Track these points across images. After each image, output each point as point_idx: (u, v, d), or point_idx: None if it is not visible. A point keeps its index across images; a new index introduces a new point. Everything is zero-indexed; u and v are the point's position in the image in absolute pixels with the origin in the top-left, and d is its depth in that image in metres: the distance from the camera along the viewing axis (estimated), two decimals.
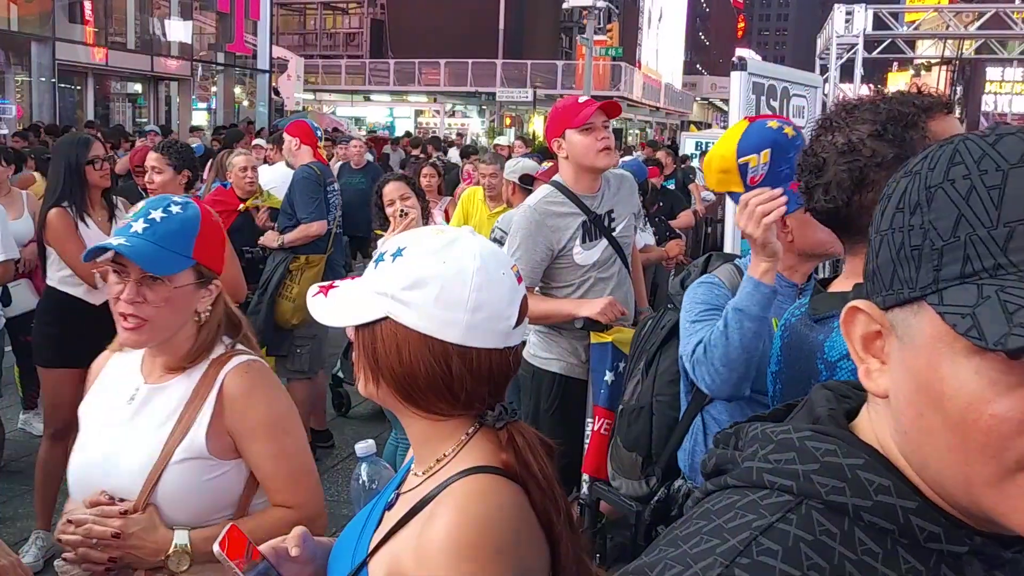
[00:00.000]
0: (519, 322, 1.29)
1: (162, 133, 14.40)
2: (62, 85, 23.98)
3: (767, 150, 2.07)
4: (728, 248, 3.47)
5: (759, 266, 1.99)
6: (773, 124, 2.17)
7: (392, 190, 4.19)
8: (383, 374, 1.29)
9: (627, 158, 8.81)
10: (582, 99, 3.39)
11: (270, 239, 5.36)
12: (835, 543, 0.71)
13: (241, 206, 5.51)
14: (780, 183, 2.00)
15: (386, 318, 1.26)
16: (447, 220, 6.55)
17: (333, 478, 4.98)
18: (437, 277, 1.23)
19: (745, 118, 2.18)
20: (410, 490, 1.33)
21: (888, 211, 0.75)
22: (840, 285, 1.67)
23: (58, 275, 4.10)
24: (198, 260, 1.85)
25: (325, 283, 1.35)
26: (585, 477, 3.32)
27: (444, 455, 1.30)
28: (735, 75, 2.98)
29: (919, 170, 0.74)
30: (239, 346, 1.98)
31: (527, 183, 4.95)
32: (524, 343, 1.23)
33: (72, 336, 3.97)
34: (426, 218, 4.41)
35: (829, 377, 1.58)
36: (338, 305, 1.31)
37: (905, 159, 1.45)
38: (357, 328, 1.29)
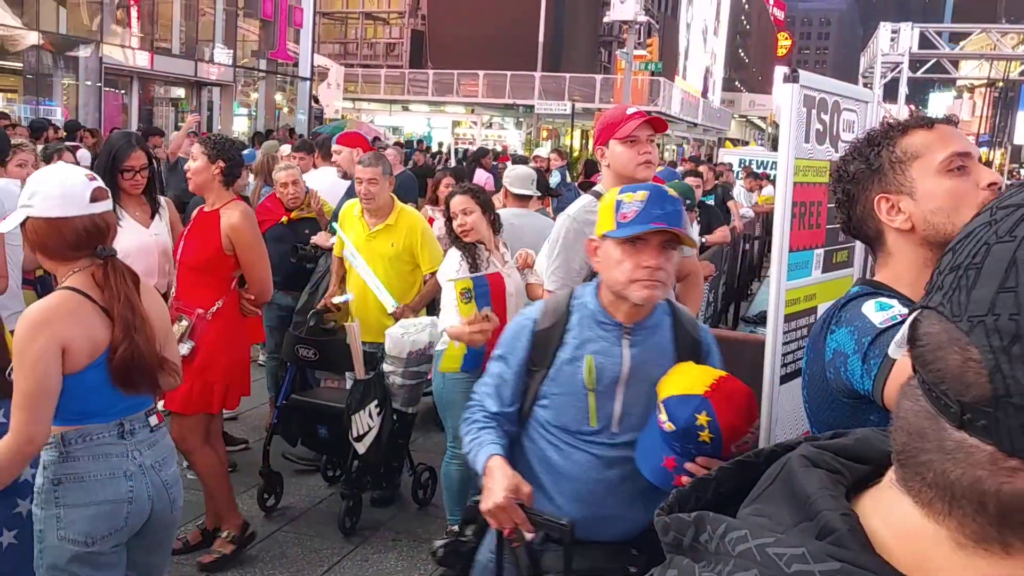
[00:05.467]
0: (92, 200, 2.46)
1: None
2: (107, 89, 24.38)
3: (671, 425, 2.10)
4: (774, 267, 3.42)
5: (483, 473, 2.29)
6: (701, 419, 2.10)
7: (457, 204, 4.17)
8: (37, 249, 2.48)
9: (659, 168, 8.78)
10: (631, 110, 3.38)
11: (323, 239, 5.44)
12: None
13: (284, 217, 5.58)
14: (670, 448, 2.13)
15: (27, 218, 2.45)
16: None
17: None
18: (40, 186, 2.45)
19: (713, 387, 2.13)
20: None
21: None
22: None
23: None
24: None
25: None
26: None
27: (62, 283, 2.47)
28: (787, 87, 2.93)
29: None
30: None
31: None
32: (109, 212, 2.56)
33: None
34: (497, 230, 4.29)
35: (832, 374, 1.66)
36: (10, 220, 2.51)
37: (873, 172, 1.69)
38: (21, 227, 2.48)
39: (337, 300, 4.92)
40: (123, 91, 25.89)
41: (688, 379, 2.14)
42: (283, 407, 4.81)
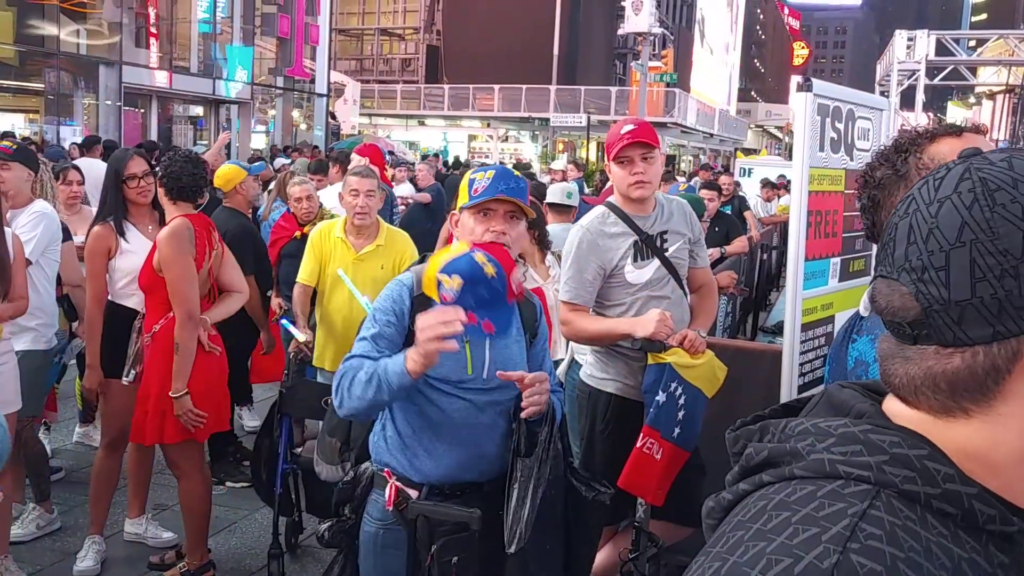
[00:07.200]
0: None
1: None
2: (127, 108, 24.63)
3: (459, 278, 2.35)
4: (790, 277, 3.41)
5: (414, 360, 2.35)
6: (479, 258, 2.38)
7: None
8: None
9: (677, 183, 8.80)
10: (624, 129, 3.36)
11: None
12: (917, 527, 0.76)
13: (297, 232, 5.56)
14: (465, 308, 2.35)
15: None
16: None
17: None
18: None
19: (475, 244, 2.46)
20: None
21: None
22: None
23: (114, 288, 4.19)
24: None
25: None
26: (640, 501, 3.28)
27: None
28: (800, 96, 2.94)
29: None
30: None
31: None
32: None
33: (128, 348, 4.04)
34: (546, 247, 4.46)
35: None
36: None
37: (900, 177, 1.70)
38: None
39: (300, 338, 4.46)
40: (142, 110, 26.15)
41: (447, 252, 2.47)
42: (289, 472, 4.12)
